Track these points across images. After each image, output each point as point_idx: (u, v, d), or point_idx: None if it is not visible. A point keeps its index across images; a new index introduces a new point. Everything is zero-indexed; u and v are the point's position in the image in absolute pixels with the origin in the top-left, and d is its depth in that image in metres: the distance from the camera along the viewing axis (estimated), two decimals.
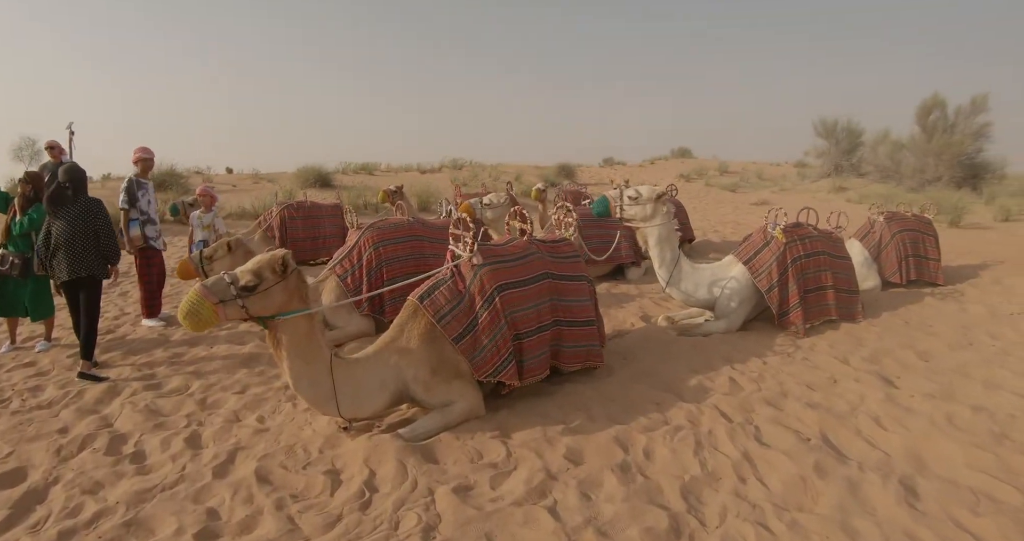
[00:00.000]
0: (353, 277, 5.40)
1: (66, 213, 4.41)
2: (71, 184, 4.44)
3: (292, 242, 8.74)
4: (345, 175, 21.60)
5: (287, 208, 8.82)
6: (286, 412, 3.69)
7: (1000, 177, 16.72)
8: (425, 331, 3.39)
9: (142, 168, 5.93)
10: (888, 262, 6.69)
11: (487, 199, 6.45)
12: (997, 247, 9.18)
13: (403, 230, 5.56)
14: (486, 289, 3.50)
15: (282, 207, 8.83)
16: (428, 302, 3.44)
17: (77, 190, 4.48)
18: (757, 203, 17.57)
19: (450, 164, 24.52)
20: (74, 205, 4.44)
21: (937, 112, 17.35)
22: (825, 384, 3.92)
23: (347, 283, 5.37)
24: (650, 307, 5.86)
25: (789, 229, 5.07)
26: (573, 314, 3.87)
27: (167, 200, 13.19)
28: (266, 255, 2.99)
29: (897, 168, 17.73)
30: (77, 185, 4.48)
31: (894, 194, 14.80)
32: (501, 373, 3.44)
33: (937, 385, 3.90)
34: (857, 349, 4.60)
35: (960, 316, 5.54)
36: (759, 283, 4.87)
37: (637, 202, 4.76)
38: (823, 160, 21.40)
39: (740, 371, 4.11)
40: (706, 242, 10.49)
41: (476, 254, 3.57)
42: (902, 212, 7.13)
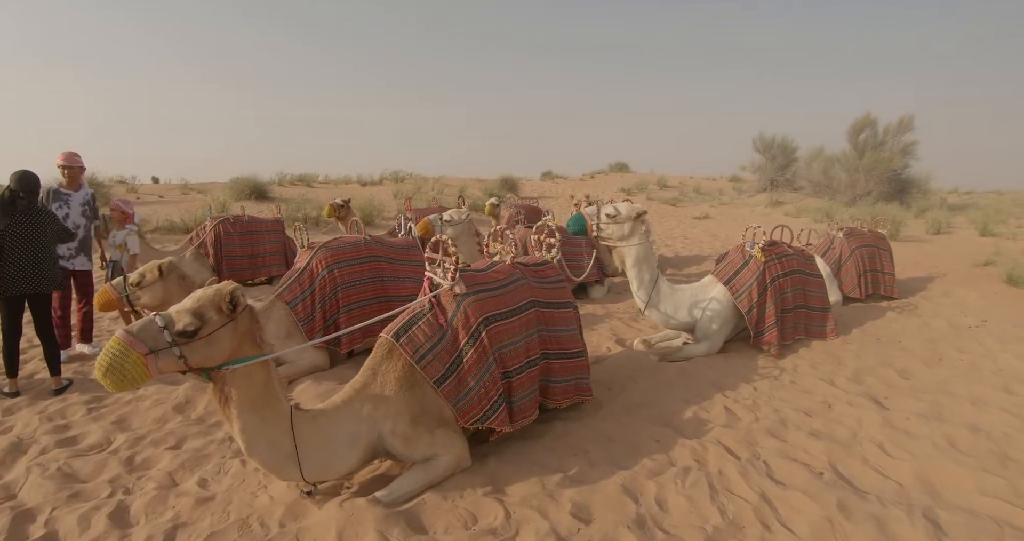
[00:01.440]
0: (304, 304, 4.88)
1: (21, 223, 4.08)
2: (25, 193, 4.14)
3: (228, 260, 8.07)
4: (282, 187, 20.65)
5: (222, 223, 8.13)
6: (234, 472, 3.13)
7: (924, 192, 17.78)
8: (403, 374, 2.94)
9: (67, 177, 5.19)
10: (848, 277, 6.75)
11: (447, 215, 6.07)
12: (936, 259, 9.57)
13: (360, 250, 5.11)
14: (471, 322, 3.11)
15: (217, 222, 8.13)
16: (405, 339, 2.99)
17: (32, 199, 4.19)
18: (700, 217, 17.91)
19: (391, 176, 23.88)
20: (28, 215, 4.12)
21: (868, 130, 18.32)
22: (820, 409, 3.77)
23: (297, 311, 4.84)
24: (622, 329, 5.63)
25: (767, 248, 4.96)
26: (562, 345, 3.56)
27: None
28: (209, 290, 2.43)
29: (830, 183, 18.54)
30: (31, 194, 4.20)
31: (832, 208, 15.40)
32: (490, 418, 3.04)
33: (927, 405, 3.83)
34: (839, 369, 4.50)
35: (924, 331, 5.59)
36: (739, 304, 4.72)
37: (615, 220, 4.52)
38: (759, 175, 22.15)
39: (733, 399, 3.90)
40: (659, 258, 10.43)
41: (459, 282, 3.19)
42: (859, 228, 7.25)
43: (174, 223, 12.89)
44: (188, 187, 20.04)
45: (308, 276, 4.94)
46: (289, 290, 4.93)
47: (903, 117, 17.77)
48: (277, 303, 4.91)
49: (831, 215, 14.32)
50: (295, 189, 20.03)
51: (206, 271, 7.98)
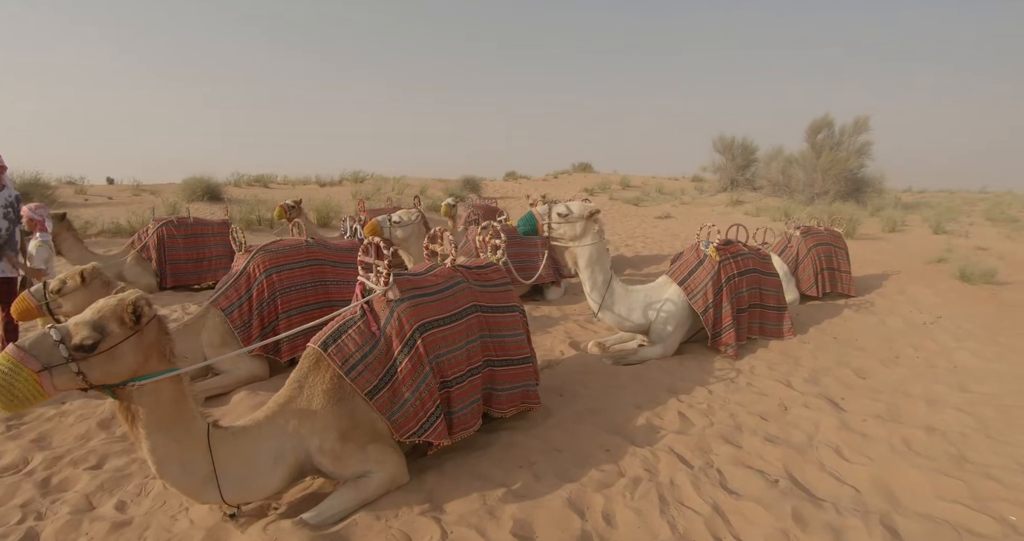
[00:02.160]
0: (241, 311, 4.58)
1: None
2: None
3: (172, 264, 7.69)
4: (238, 188, 20.00)
5: (166, 225, 7.75)
6: (155, 494, 2.86)
7: (879, 191, 18.18)
8: (331, 386, 2.71)
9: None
10: (805, 276, 6.73)
11: (396, 216, 5.81)
12: (891, 257, 9.69)
13: (301, 253, 4.83)
14: (405, 330, 2.90)
15: (160, 224, 7.75)
16: (334, 349, 2.76)
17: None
18: (661, 217, 17.95)
19: (351, 177, 23.39)
20: None
21: (825, 131, 18.67)
22: (776, 412, 3.65)
23: (233, 318, 4.54)
24: (577, 331, 5.47)
25: (722, 247, 4.85)
26: (507, 351, 3.36)
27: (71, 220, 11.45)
28: (111, 300, 2.18)
29: (788, 183, 18.82)
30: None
31: (791, 207, 15.59)
32: (427, 432, 2.83)
33: (883, 405, 3.76)
34: (796, 369, 4.42)
35: (880, 329, 5.58)
36: (695, 304, 4.60)
37: (567, 220, 4.35)
38: (720, 175, 22.39)
39: (687, 403, 3.76)
40: (619, 258, 10.35)
41: (392, 287, 2.97)
42: (816, 226, 7.25)
43: (120, 226, 12.32)
44: (140, 188, 19.27)
45: (245, 281, 4.65)
46: (224, 296, 4.62)
47: (858, 118, 18.18)
48: (212, 310, 4.61)
49: (789, 214, 14.49)
50: (251, 190, 19.42)
51: (148, 276, 7.60)
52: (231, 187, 19.78)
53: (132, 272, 7.53)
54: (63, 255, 7.17)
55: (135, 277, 7.51)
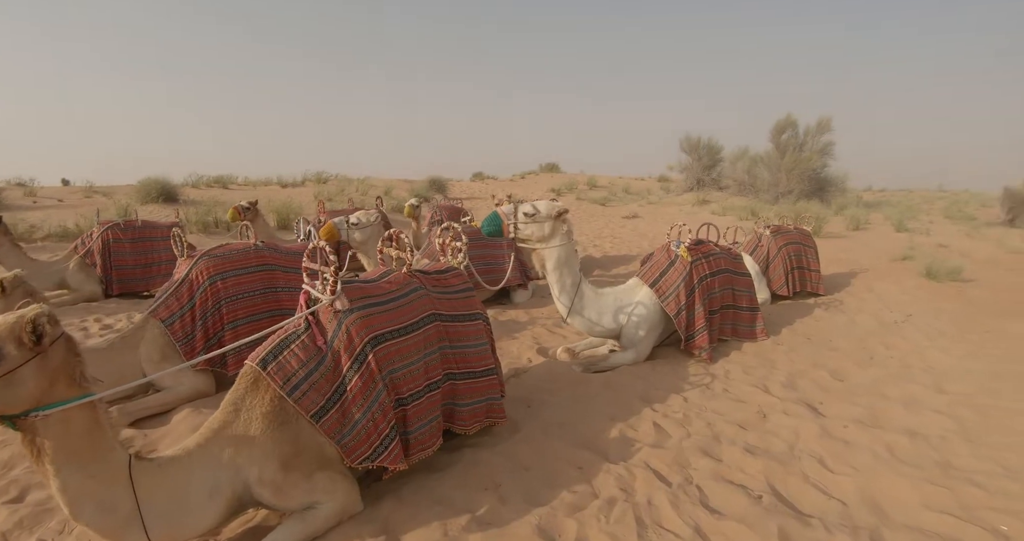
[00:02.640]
0: (183, 321, 4.22)
1: None
2: None
3: (118, 270, 7.21)
4: (197, 189, 19.28)
5: (111, 228, 7.26)
6: (79, 531, 2.51)
7: (842, 190, 18.48)
8: (271, 409, 2.41)
9: None
10: (776, 275, 6.65)
11: (354, 218, 5.50)
12: (857, 255, 9.74)
13: (249, 258, 4.49)
14: (355, 343, 2.62)
15: (105, 228, 7.26)
16: (274, 367, 2.47)
17: None
18: (628, 216, 17.90)
19: (314, 178, 22.80)
20: None
21: (789, 131, 18.88)
22: (755, 420, 3.48)
23: (174, 329, 4.18)
24: (545, 336, 5.24)
25: (693, 247, 4.69)
26: (469, 363, 3.11)
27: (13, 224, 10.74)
28: (8, 317, 1.87)
29: (753, 182, 18.98)
30: None
31: (756, 206, 15.69)
32: (381, 456, 2.56)
33: (862, 409, 3.63)
34: (772, 373, 4.27)
35: (852, 328, 5.50)
36: (667, 307, 4.42)
37: (534, 220, 4.12)
38: (686, 175, 22.50)
39: (662, 413, 3.57)
40: (587, 259, 10.18)
41: (340, 296, 2.69)
42: (785, 225, 7.18)
43: (68, 229, 11.66)
44: (93, 190, 18.42)
45: (187, 289, 4.29)
46: (165, 306, 4.26)
47: (821, 119, 18.47)
48: (151, 321, 4.24)
49: (756, 213, 14.57)
50: (209, 191, 18.74)
51: (93, 283, 7.12)
52: (189, 188, 19.06)
53: (75, 279, 7.06)
54: (0, 262, 6.69)
55: (79, 284, 7.05)
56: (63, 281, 7.03)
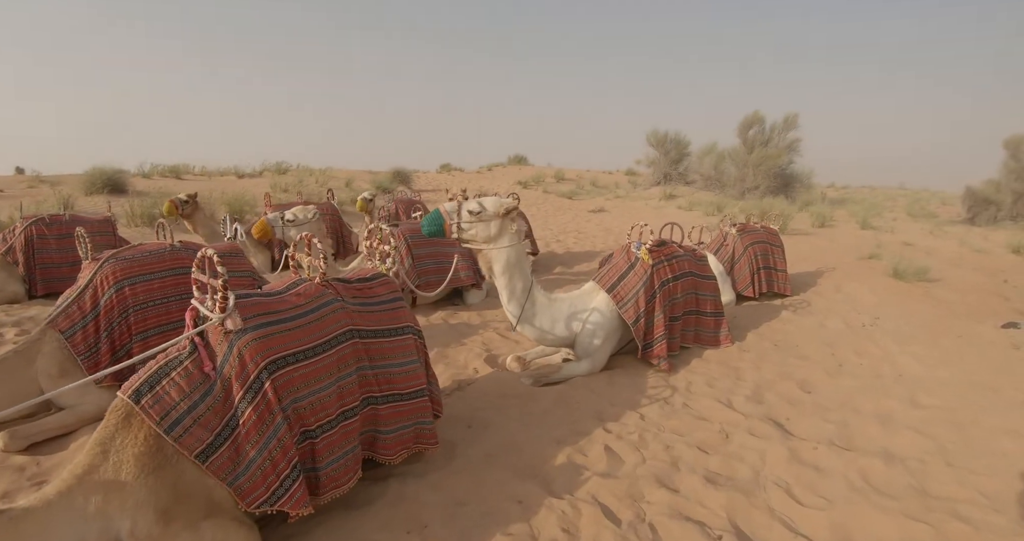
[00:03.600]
0: (85, 332, 3.74)
1: None
2: None
3: (43, 268, 6.58)
4: (148, 179, 18.38)
5: (35, 224, 6.63)
6: None
7: (807, 187, 18.52)
8: (147, 449, 2.02)
9: None
10: (741, 275, 6.38)
11: (290, 214, 5.03)
12: (823, 253, 9.58)
13: (163, 260, 4.01)
14: (249, 370, 2.21)
15: (29, 223, 6.64)
16: (150, 400, 2.07)
17: None
18: (595, 210, 17.63)
19: (274, 168, 22.00)
20: None
21: (756, 127, 18.83)
22: (717, 441, 3.15)
23: (75, 341, 3.70)
24: (496, 342, 4.86)
25: (655, 249, 4.36)
26: (394, 384, 2.71)
27: None
28: None
29: (720, 177, 18.90)
30: None
31: (723, 202, 15.55)
32: (282, 499, 2.16)
33: (833, 426, 3.33)
34: (737, 385, 3.96)
35: (821, 332, 5.24)
36: (625, 315, 4.08)
37: (479, 218, 3.73)
38: (653, 169, 22.34)
39: (617, 434, 3.22)
40: (550, 254, 9.83)
41: (231, 313, 2.27)
42: (752, 224, 6.92)
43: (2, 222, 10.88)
44: (40, 179, 17.41)
45: (91, 296, 3.81)
46: (65, 315, 3.76)
47: (788, 115, 18.46)
48: (49, 332, 3.74)
49: (722, 208, 14.40)
50: (162, 182, 17.87)
51: (15, 283, 6.49)
52: (139, 179, 18.16)
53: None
54: None
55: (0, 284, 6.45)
56: None
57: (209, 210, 12.63)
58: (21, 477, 2.82)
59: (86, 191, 14.33)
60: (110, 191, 14.61)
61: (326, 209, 8.01)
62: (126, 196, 14.44)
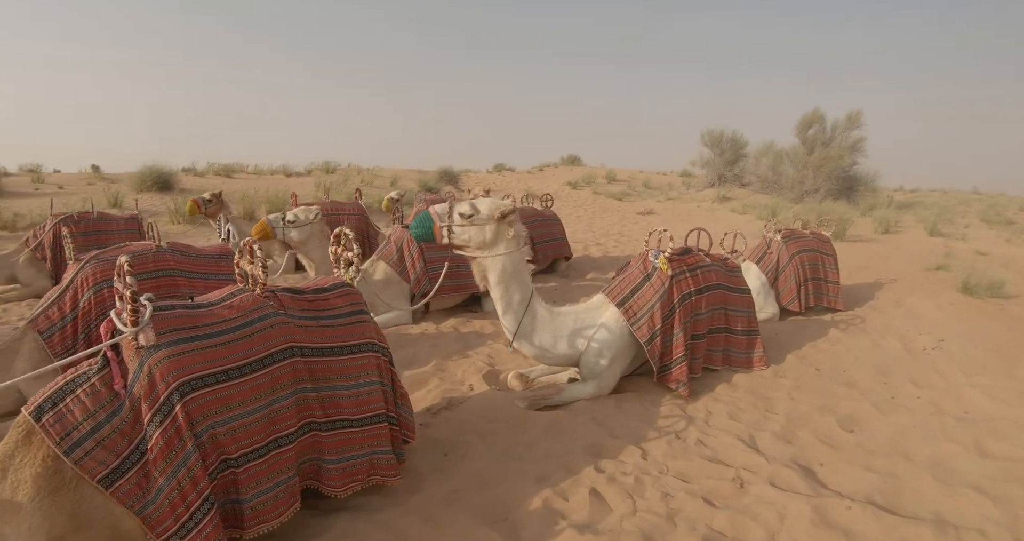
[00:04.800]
0: (63, 333, 3.66)
1: None
2: None
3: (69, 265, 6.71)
4: (200, 177, 18.92)
5: (64, 221, 6.78)
6: None
7: (872, 190, 17.22)
8: (44, 470, 1.84)
9: None
10: (786, 288, 5.76)
11: (291, 215, 4.79)
12: (885, 261, 8.72)
13: (147, 262, 3.87)
14: (159, 390, 1.97)
15: (57, 220, 6.80)
16: (51, 418, 1.89)
17: None
18: (643, 212, 16.98)
19: (321, 167, 22.30)
20: None
21: (816, 126, 17.65)
22: (729, 491, 2.66)
23: (53, 342, 3.62)
24: (502, 356, 4.46)
25: (676, 258, 3.87)
26: (342, 409, 2.38)
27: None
28: None
29: (778, 179, 17.83)
30: None
31: (779, 205, 14.62)
32: (192, 533, 1.91)
33: (876, 477, 2.77)
34: (765, 419, 3.43)
35: (874, 355, 4.60)
36: (638, 332, 3.61)
37: (472, 222, 3.35)
38: (707, 170, 21.41)
39: (609, 474, 2.77)
40: (585, 258, 9.34)
41: (145, 327, 2.00)
42: (800, 230, 6.26)
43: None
44: (99, 176, 18.21)
45: (70, 297, 3.71)
46: (45, 316, 3.68)
47: (851, 113, 17.17)
48: (29, 333, 3.64)
49: (777, 212, 13.50)
50: (210, 180, 18.33)
51: (43, 278, 6.62)
52: (192, 176, 18.71)
53: (25, 274, 6.62)
54: None
55: (29, 279, 6.60)
56: (14, 275, 6.60)
57: (250, 209, 12.79)
58: None
59: (137, 188, 14.81)
60: (159, 189, 15.04)
61: (353, 209, 7.84)
62: (171, 194, 14.83)
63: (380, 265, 5.51)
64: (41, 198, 13.75)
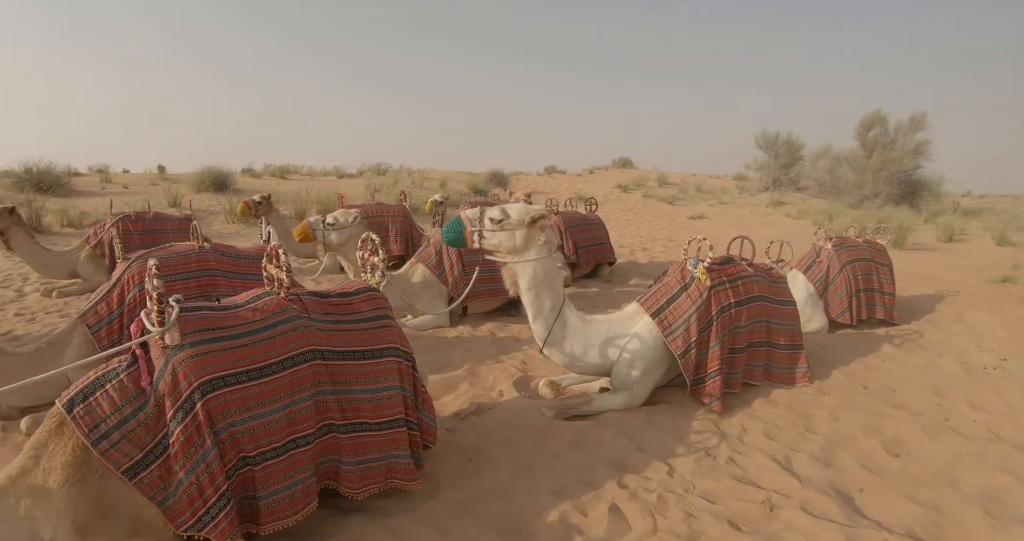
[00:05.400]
0: (110, 329, 3.81)
1: None
2: None
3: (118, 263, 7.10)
4: (256, 178, 19.62)
5: (122, 220, 7.18)
6: None
7: (936, 195, 16.33)
8: (73, 460, 1.96)
9: None
10: (836, 299, 5.50)
11: (331, 217, 4.89)
12: (948, 272, 8.25)
13: (189, 262, 4.00)
14: (181, 388, 2.04)
15: (116, 219, 7.18)
16: (81, 410, 1.99)
17: None
18: (694, 217, 16.64)
19: (373, 168, 22.77)
20: None
21: (878, 128, 16.86)
22: (757, 515, 2.54)
23: (100, 337, 3.78)
24: (536, 362, 4.42)
25: (716, 267, 3.74)
26: (360, 412, 2.40)
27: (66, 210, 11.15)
28: None
29: (836, 183, 17.12)
30: None
31: (836, 210, 14.04)
32: (208, 527, 1.99)
33: (920, 509, 2.60)
34: (803, 439, 3.27)
35: (928, 374, 4.33)
36: (672, 345, 3.50)
37: (502, 227, 3.33)
38: (762, 173, 20.80)
39: (632, 490, 2.69)
40: (631, 263, 9.20)
41: (171, 327, 2.07)
42: (852, 238, 5.98)
43: None
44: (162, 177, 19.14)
45: (118, 293, 3.87)
46: (94, 311, 3.85)
47: (915, 114, 16.31)
48: (79, 326, 3.83)
49: (834, 217, 12.96)
50: (267, 181, 18.97)
51: (102, 274, 6.99)
52: (249, 178, 19.41)
53: (86, 270, 7.01)
54: (13, 251, 6.72)
55: (89, 275, 6.99)
56: (74, 271, 6.98)
57: (301, 209, 13.15)
58: None
59: (196, 189, 15.45)
60: (215, 189, 15.64)
61: (398, 211, 7.96)
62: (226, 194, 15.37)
63: (419, 268, 5.55)
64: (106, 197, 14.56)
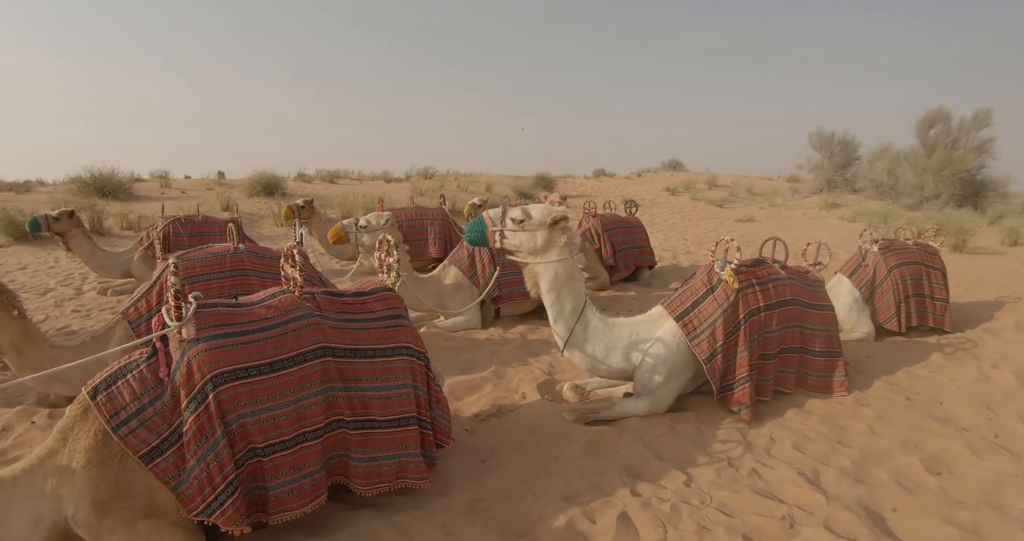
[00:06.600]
0: (149, 325, 3.98)
1: None
2: None
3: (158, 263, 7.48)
4: (307, 183, 20.17)
5: (173, 223, 7.53)
6: None
7: (1002, 195, 15.35)
8: (95, 443, 2.10)
9: None
10: (884, 304, 5.24)
11: (363, 220, 4.98)
12: (1010, 277, 7.73)
13: (224, 262, 4.16)
14: (195, 380, 2.14)
15: (167, 221, 7.53)
16: (104, 397, 2.13)
17: None
18: (742, 219, 16.18)
19: (420, 172, 23.07)
20: None
21: (939, 126, 15.98)
22: (776, 532, 2.42)
23: (140, 332, 3.97)
24: (563, 366, 4.37)
25: (745, 269, 3.62)
26: (369, 409, 2.44)
27: (126, 213, 11.79)
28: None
29: (895, 184, 16.33)
30: None
31: (891, 212, 13.40)
32: (216, 513, 2.08)
33: (957, 532, 2.43)
34: (835, 452, 3.12)
35: (980, 387, 4.07)
36: (697, 349, 3.40)
37: (523, 227, 3.32)
38: (816, 174, 20.05)
39: (645, 498, 2.62)
40: (672, 267, 9.01)
41: (187, 322, 2.16)
42: (902, 240, 5.68)
43: None
44: (217, 182, 19.92)
45: (157, 291, 4.06)
46: (135, 307, 4.06)
47: (979, 111, 15.32)
48: (121, 322, 4.03)
49: (889, 220, 12.36)
50: (317, 186, 19.48)
51: None
52: (298, 182, 19.97)
53: (139, 270, 7.41)
54: (72, 252, 7.18)
55: (141, 274, 7.39)
56: (128, 271, 7.38)
57: (348, 213, 13.45)
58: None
59: (248, 193, 16.01)
60: (266, 194, 16.16)
61: (437, 214, 8.06)
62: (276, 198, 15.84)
63: (451, 270, 5.59)
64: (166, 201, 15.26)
